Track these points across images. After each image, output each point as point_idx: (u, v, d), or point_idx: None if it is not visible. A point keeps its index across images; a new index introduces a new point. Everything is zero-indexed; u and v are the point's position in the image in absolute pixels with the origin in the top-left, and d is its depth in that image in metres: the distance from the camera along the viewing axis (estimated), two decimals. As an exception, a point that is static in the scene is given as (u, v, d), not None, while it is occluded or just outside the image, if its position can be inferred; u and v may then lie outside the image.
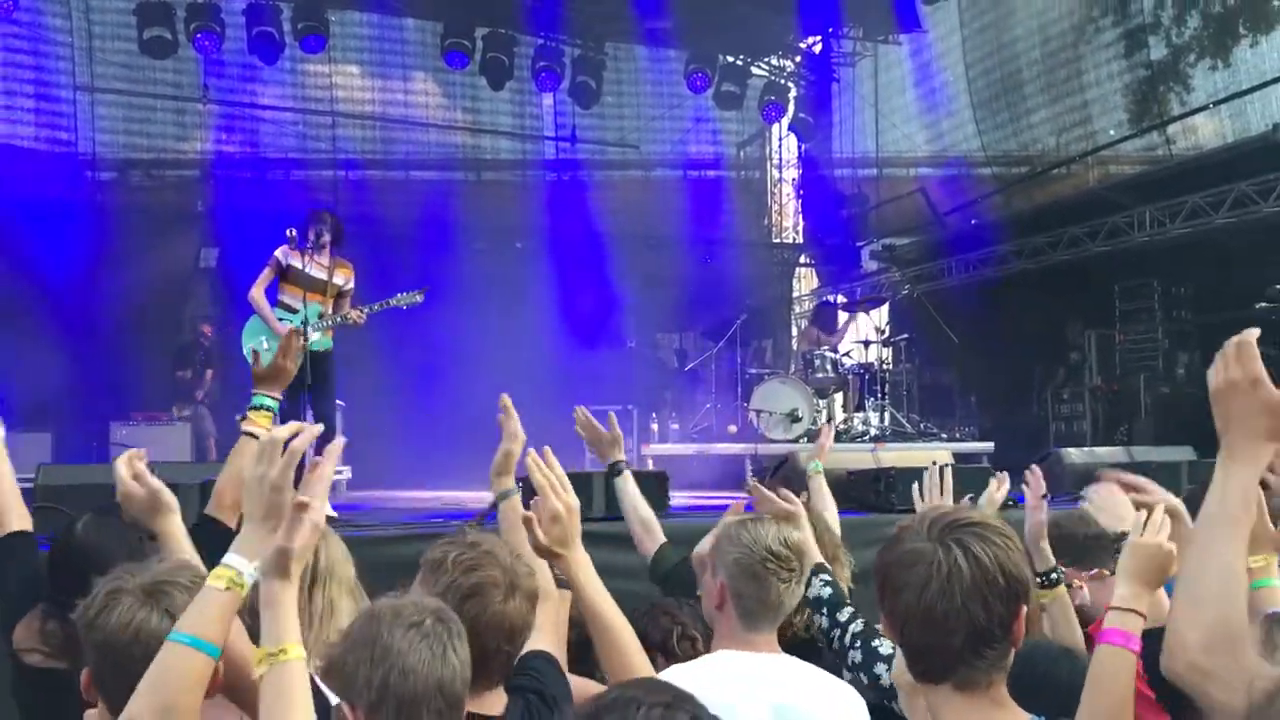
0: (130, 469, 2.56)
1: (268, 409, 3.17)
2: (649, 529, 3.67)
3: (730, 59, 14.56)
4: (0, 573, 3.04)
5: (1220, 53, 12.34)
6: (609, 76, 14.67)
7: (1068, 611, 3.04)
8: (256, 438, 3.11)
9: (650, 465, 10.00)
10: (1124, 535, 2.51)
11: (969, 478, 6.77)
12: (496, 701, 2.42)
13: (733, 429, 11.32)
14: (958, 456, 8.97)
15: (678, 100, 15.62)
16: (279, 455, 1.99)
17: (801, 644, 2.99)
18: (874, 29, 15.25)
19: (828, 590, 2.93)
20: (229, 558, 1.97)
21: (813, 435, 10.70)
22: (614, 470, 3.78)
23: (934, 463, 3.30)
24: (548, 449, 2.55)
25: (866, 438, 10.89)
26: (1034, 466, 3.22)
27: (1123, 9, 13.04)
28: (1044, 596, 3.07)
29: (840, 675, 2.82)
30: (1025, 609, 1.88)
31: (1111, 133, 13.24)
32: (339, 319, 7.32)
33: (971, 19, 14.86)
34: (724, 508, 5.48)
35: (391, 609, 2.01)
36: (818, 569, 2.97)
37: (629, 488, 3.76)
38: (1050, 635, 2.91)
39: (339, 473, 8.71)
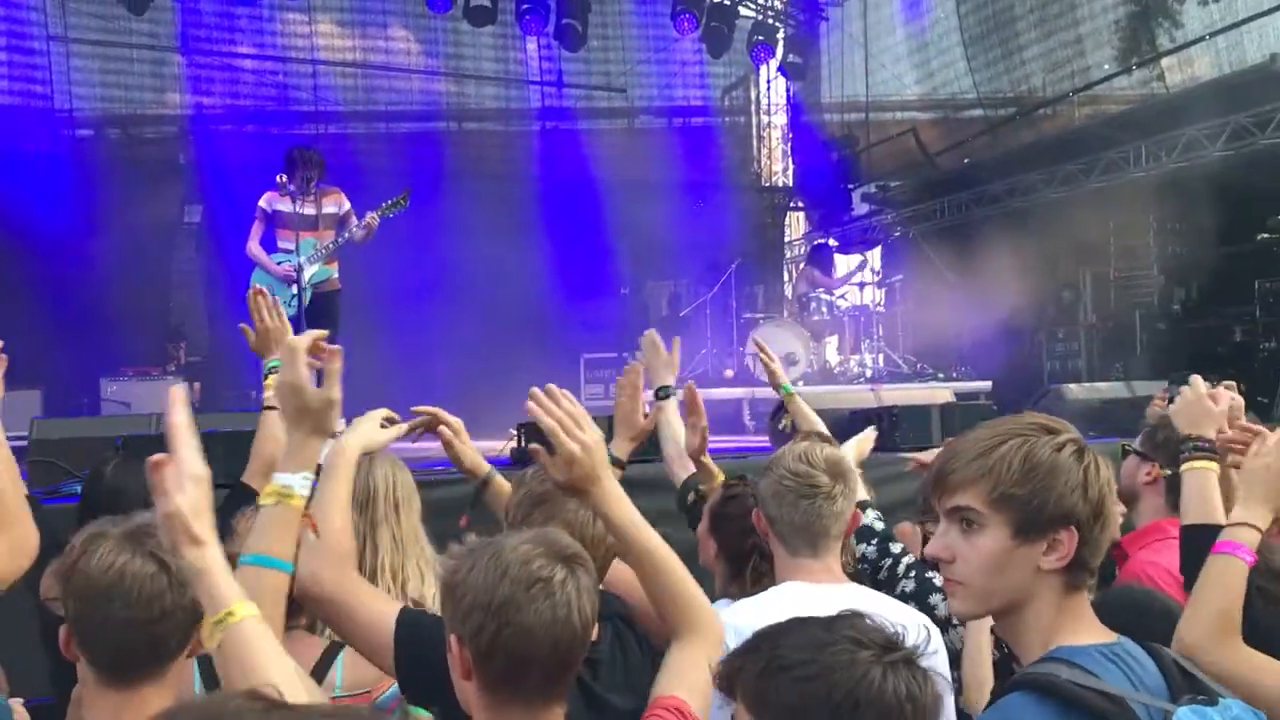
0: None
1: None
2: (684, 457, 3.60)
3: (717, -1, 14.30)
4: None
5: (1213, -15, 12.18)
6: (594, 20, 14.40)
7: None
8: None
9: (646, 410, 9.91)
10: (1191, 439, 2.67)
11: (969, 415, 6.79)
12: None
13: (729, 373, 11.26)
14: (958, 396, 8.93)
15: (664, 44, 15.39)
16: (297, 361, 2.06)
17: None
18: (862, -35, 15.03)
19: (880, 524, 2.87)
20: (275, 476, 2.01)
21: (810, 378, 10.66)
22: (661, 393, 3.69)
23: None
24: (551, 386, 2.27)
25: (863, 379, 10.84)
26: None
27: (1116, -58, 12.88)
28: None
29: None
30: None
31: (1106, 67, 13.09)
32: (345, 237, 7.31)
33: (962, -48, 14.64)
34: (720, 451, 5.42)
35: (523, 555, 1.85)
36: (865, 505, 2.91)
37: (671, 414, 3.69)
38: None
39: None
